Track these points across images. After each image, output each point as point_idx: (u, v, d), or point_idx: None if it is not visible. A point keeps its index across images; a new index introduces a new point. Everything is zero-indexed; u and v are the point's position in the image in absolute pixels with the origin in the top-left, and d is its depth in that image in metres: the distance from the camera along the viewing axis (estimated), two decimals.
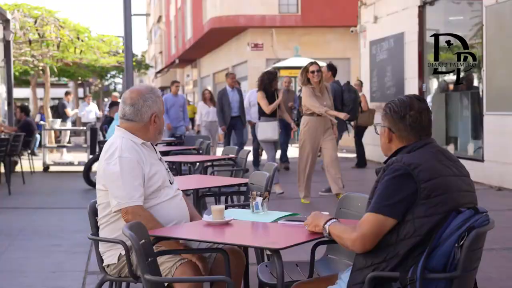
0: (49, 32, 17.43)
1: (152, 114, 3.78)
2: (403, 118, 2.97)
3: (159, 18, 58.89)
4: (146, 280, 3.00)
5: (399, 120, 2.98)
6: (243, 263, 3.77)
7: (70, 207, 9.61)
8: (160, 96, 3.86)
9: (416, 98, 3.04)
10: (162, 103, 3.85)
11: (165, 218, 3.67)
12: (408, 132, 2.97)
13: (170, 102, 14.79)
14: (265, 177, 4.99)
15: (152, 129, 3.80)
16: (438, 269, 2.73)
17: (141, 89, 3.85)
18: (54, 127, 17.41)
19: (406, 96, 3.07)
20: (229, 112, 13.29)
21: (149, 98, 3.78)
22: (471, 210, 2.77)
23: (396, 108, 2.99)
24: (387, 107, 3.04)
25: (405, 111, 2.97)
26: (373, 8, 15.77)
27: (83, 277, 5.73)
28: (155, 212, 3.66)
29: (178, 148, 10.85)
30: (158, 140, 3.91)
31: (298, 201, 9.40)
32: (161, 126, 3.84)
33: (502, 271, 5.64)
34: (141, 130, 3.79)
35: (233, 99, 13.38)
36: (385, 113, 3.05)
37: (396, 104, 3.01)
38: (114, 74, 32.10)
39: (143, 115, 3.77)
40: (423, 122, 2.98)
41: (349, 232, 2.86)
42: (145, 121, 3.77)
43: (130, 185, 3.60)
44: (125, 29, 12.20)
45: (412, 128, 2.96)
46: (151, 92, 3.81)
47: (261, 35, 27.38)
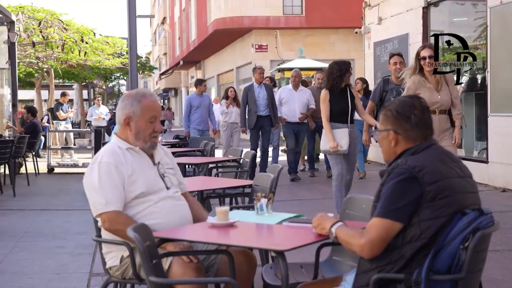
0: (53, 34, 17.46)
1: (124, 117, 3.75)
2: (408, 118, 2.96)
3: (164, 20, 58.99)
4: (151, 282, 3.01)
5: (405, 121, 2.97)
6: (254, 265, 3.76)
7: (75, 208, 9.61)
8: (144, 101, 3.73)
9: (414, 97, 3.05)
10: (143, 109, 3.72)
11: (157, 224, 3.60)
12: (414, 132, 2.96)
13: (195, 102, 13.43)
14: (270, 178, 4.99)
15: (129, 134, 3.77)
16: (443, 271, 2.72)
17: (129, 92, 3.87)
18: (59, 129, 17.44)
19: (403, 97, 3.09)
20: (254, 111, 12.20)
21: (125, 100, 3.77)
22: (475, 211, 2.77)
23: (399, 109, 2.99)
24: (389, 110, 3.03)
25: (410, 111, 2.97)
26: (377, 9, 15.75)
27: (87, 278, 5.74)
28: (141, 218, 3.62)
29: (182, 150, 10.86)
30: (142, 146, 3.77)
31: (301, 202, 9.40)
32: (136, 131, 3.74)
33: (506, 273, 5.63)
34: (123, 134, 3.81)
35: (260, 96, 12.25)
36: (387, 117, 3.03)
37: (398, 105, 3.00)
38: (118, 76, 32.11)
39: (119, 118, 3.80)
40: (427, 120, 2.99)
41: (357, 238, 2.85)
42: (121, 124, 3.79)
43: (106, 190, 3.60)
44: (130, 30, 12.20)
45: (418, 128, 2.96)
46: (132, 96, 3.77)
47: (266, 37, 27.41)
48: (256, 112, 12.15)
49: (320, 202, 9.80)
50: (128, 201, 3.66)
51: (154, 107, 3.79)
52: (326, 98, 7.87)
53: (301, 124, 12.31)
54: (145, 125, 3.75)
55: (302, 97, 12.28)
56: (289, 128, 12.30)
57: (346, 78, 7.88)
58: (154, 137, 3.80)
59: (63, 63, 19.59)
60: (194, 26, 37.98)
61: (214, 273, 3.73)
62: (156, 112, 3.79)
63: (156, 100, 3.86)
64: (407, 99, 3.03)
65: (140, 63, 29.16)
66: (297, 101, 12.22)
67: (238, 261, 3.57)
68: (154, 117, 3.77)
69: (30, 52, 18.20)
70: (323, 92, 7.95)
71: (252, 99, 12.16)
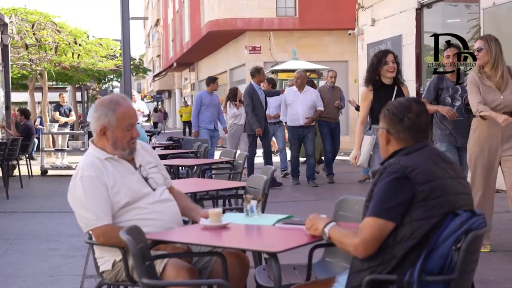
0: (46, 37, 17.43)
1: (100, 127, 3.69)
2: (401, 120, 2.98)
3: (157, 22, 58.97)
4: (143, 284, 3.00)
5: (397, 122, 2.99)
6: (247, 267, 3.75)
7: (68, 211, 9.50)
8: (119, 110, 3.65)
9: (415, 101, 3.06)
10: (119, 118, 3.65)
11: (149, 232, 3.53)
12: (406, 134, 2.98)
13: (206, 100, 12.75)
14: (263, 180, 4.98)
15: (106, 143, 3.71)
16: (435, 271, 2.72)
17: (101, 100, 3.76)
18: (52, 131, 17.39)
19: (405, 98, 3.10)
20: (262, 113, 11.66)
21: (99, 109, 3.69)
22: (467, 212, 2.78)
23: (394, 110, 3.01)
24: (386, 109, 3.06)
25: (403, 113, 2.98)
26: (370, 11, 15.78)
27: (80, 281, 5.73)
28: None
29: (176, 152, 10.85)
30: (120, 154, 3.72)
31: (294, 203, 9.40)
32: (113, 141, 3.68)
33: (499, 274, 5.64)
34: (99, 142, 3.75)
35: (262, 98, 11.75)
36: (383, 115, 3.07)
37: (395, 106, 3.03)
38: (112, 78, 32.06)
39: (94, 127, 3.73)
40: (421, 125, 2.99)
41: (351, 237, 2.86)
42: (97, 134, 3.72)
43: (95, 204, 3.56)
44: (123, 32, 12.18)
45: (410, 131, 2.97)
46: (105, 105, 3.68)
47: (259, 38, 27.40)
48: (263, 116, 11.72)
49: (313, 203, 9.81)
50: (115, 211, 3.63)
51: (130, 114, 3.70)
52: (368, 96, 6.67)
53: (306, 128, 11.61)
54: (122, 134, 3.67)
55: (307, 99, 11.66)
56: (294, 132, 11.73)
57: (382, 69, 6.56)
58: (132, 143, 3.74)
59: (56, 65, 19.54)
60: (187, 28, 37.97)
61: (208, 275, 3.72)
62: (132, 119, 3.71)
63: (130, 106, 3.76)
64: (406, 101, 3.04)
65: (133, 65, 29.11)
66: (300, 104, 11.61)
67: (231, 263, 3.57)
68: (130, 125, 3.70)
69: (24, 54, 18.15)
70: (364, 90, 6.85)
71: (258, 102, 11.61)
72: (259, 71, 11.78)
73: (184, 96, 51.68)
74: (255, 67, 12.02)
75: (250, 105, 11.55)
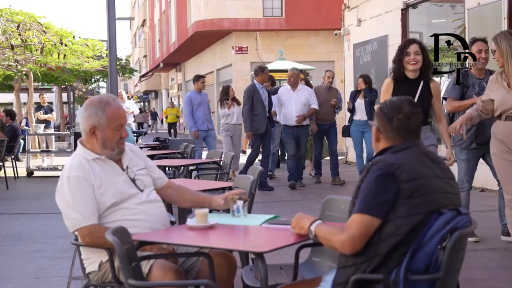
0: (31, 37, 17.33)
1: (89, 127, 3.69)
2: (390, 120, 2.99)
3: (144, 22, 58.84)
4: (130, 285, 3.00)
5: (386, 121, 3.00)
6: (234, 267, 3.75)
7: (54, 212, 9.50)
8: (108, 110, 3.65)
9: (408, 101, 3.05)
10: (109, 118, 3.65)
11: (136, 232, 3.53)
12: (394, 134, 2.99)
13: (196, 100, 12.41)
14: (250, 180, 4.99)
15: (95, 142, 3.71)
16: (421, 270, 2.73)
17: (91, 99, 3.77)
18: (38, 132, 17.31)
19: (399, 98, 3.09)
20: (264, 113, 11.21)
21: (89, 109, 3.69)
22: (452, 211, 2.79)
23: (386, 109, 3.02)
24: (379, 107, 3.08)
25: (393, 113, 2.99)
26: (356, 11, 15.82)
27: (67, 282, 5.71)
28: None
29: (162, 152, 10.83)
30: (109, 154, 3.71)
31: (280, 203, 9.40)
32: (103, 140, 3.68)
33: (485, 272, 5.67)
34: (88, 143, 3.75)
35: (264, 97, 11.34)
36: (376, 112, 3.10)
37: (387, 105, 3.04)
38: (98, 79, 31.95)
39: (84, 127, 3.73)
40: (410, 126, 3.00)
41: (337, 234, 2.87)
42: (87, 133, 3.72)
43: (82, 204, 3.55)
44: (109, 33, 12.14)
45: (398, 131, 2.98)
46: (95, 104, 3.68)
47: (246, 39, 27.42)
48: (265, 116, 11.23)
49: (300, 203, 9.82)
50: (101, 212, 3.63)
51: (119, 114, 3.71)
52: (388, 89, 5.92)
53: (301, 127, 11.33)
54: (111, 133, 3.68)
55: (300, 97, 11.30)
56: (288, 132, 11.40)
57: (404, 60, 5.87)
58: (122, 143, 3.74)
59: (42, 66, 19.42)
60: (174, 28, 37.92)
61: (194, 276, 3.72)
62: (121, 119, 3.72)
63: (120, 106, 3.76)
64: (398, 101, 3.05)
65: (120, 66, 29.02)
66: (294, 102, 11.25)
67: (217, 264, 3.57)
68: (120, 125, 3.70)
69: (9, 55, 18.04)
70: (386, 82, 6.02)
71: (259, 101, 11.16)
72: (263, 70, 11.40)
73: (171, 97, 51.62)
74: (260, 66, 11.67)
75: (248, 105, 11.15)
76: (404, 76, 5.90)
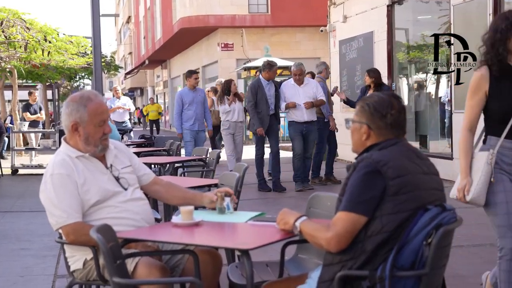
0: (15, 34, 17.22)
1: (71, 123, 3.66)
2: (384, 116, 2.97)
3: (128, 19, 58.60)
4: (114, 283, 2.98)
5: (379, 118, 2.97)
6: (220, 264, 3.74)
7: (39, 210, 9.46)
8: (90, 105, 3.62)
9: (394, 97, 3.05)
10: (91, 114, 3.62)
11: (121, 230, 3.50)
12: (388, 130, 2.97)
13: (187, 98, 11.68)
14: (235, 177, 4.97)
15: (78, 139, 3.69)
16: (407, 267, 2.73)
17: (72, 96, 3.75)
18: (23, 130, 17.22)
19: (384, 94, 3.07)
20: (267, 111, 10.61)
21: (70, 105, 3.66)
22: (438, 207, 2.79)
23: (377, 106, 2.99)
24: (366, 104, 3.03)
25: (386, 109, 2.97)
26: (342, 8, 15.83)
27: (52, 281, 5.68)
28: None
29: (148, 150, 10.79)
30: (93, 150, 3.69)
31: (266, 201, 9.38)
32: (85, 137, 3.65)
33: (470, 268, 5.69)
34: (72, 140, 3.72)
35: (270, 94, 10.68)
36: (363, 110, 3.03)
37: (377, 101, 3.00)
38: (83, 76, 31.81)
39: (66, 124, 3.71)
40: (402, 121, 3.00)
41: (323, 231, 2.85)
42: (69, 130, 3.70)
43: (65, 202, 3.53)
44: (93, 29, 12.07)
45: (392, 127, 2.97)
46: (76, 101, 3.66)
47: (231, 35, 27.41)
48: (268, 114, 10.60)
49: (285, 200, 9.81)
50: (85, 209, 3.61)
51: (102, 110, 3.69)
52: (481, 86, 4.08)
53: (310, 124, 10.58)
54: (94, 129, 3.65)
55: (308, 91, 10.57)
56: (296, 128, 10.60)
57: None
58: (105, 139, 3.72)
59: (26, 63, 19.32)
60: (159, 25, 37.83)
61: (180, 273, 3.71)
62: (104, 115, 3.69)
63: (102, 102, 3.74)
64: (386, 97, 3.03)
65: (105, 63, 28.92)
66: (302, 97, 10.46)
67: (203, 261, 3.56)
68: (103, 121, 3.68)
69: None
70: (477, 74, 4.11)
71: (263, 98, 10.55)
72: (272, 67, 10.75)
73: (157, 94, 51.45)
74: (268, 62, 10.98)
75: (252, 101, 10.59)
76: (508, 67, 3.98)
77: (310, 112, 10.54)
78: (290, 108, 10.46)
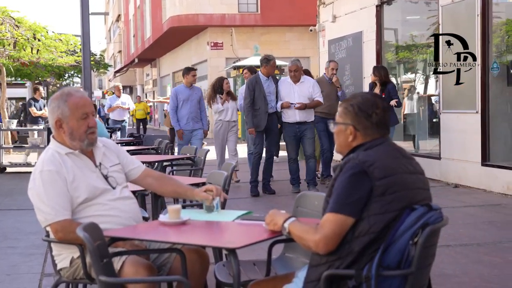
0: (4, 32, 17.16)
1: (55, 120, 3.67)
2: (370, 116, 2.97)
3: (118, 17, 58.46)
4: (101, 281, 2.97)
5: (365, 118, 2.97)
6: (207, 263, 3.74)
7: (27, 208, 9.42)
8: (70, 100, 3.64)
9: (377, 96, 3.06)
10: (71, 108, 3.62)
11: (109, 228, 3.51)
12: (374, 130, 2.97)
13: (183, 95, 11.18)
14: (223, 176, 4.97)
15: (63, 135, 3.69)
16: (393, 266, 2.74)
17: (54, 94, 3.76)
18: (11, 128, 17.13)
19: (367, 93, 3.08)
20: (265, 108, 10.06)
21: (52, 103, 3.69)
22: (424, 207, 2.79)
23: (362, 106, 2.99)
24: (350, 105, 3.02)
25: (372, 109, 2.97)
26: (331, 7, 15.86)
27: (39, 279, 5.66)
28: None
29: (136, 148, 10.77)
30: (79, 145, 3.68)
31: (254, 200, 9.39)
32: (70, 131, 3.65)
33: (457, 267, 5.71)
34: (59, 137, 3.72)
35: (270, 91, 10.16)
36: (347, 111, 3.02)
37: (361, 102, 3.00)
38: (72, 74, 31.71)
39: (50, 121, 3.72)
40: (387, 120, 3.01)
41: (311, 233, 2.85)
42: (54, 127, 3.70)
43: (54, 199, 3.53)
44: (83, 28, 12.05)
45: (378, 126, 2.97)
46: (57, 97, 3.68)
47: (221, 34, 27.40)
48: (266, 112, 10.04)
49: (273, 198, 9.81)
50: (74, 207, 3.60)
51: (83, 103, 3.68)
52: None
53: (303, 124, 10.01)
54: (77, 123, 3.65)
55: (303, 90, 10.01)
56: (289, 131, 10.11)
57: None
58: (91, 133, 3.70)
59: (15, 61, 19.25)
60: (149, 24, 37.76)
61: (167, 272, 3.70)
62: (86, 108, 3.68)
63: (84, 96, 3.74)
64: (370, 96, 3.04)
65: (94, 61, 28.83)
66: (297, 96, 9.94)
67: (190, 260, 3.56)
68: (85, 114, 3.67)
69: None
70: None
71: (261, 95, 10.02)
72: (269, 61, 10.19)
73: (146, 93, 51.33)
74: (265, 56, 10.45)
75: (248, 98, 10.05)
76: None
77: (304, 112, 10.00)
78: (284, 108, 10.00)
